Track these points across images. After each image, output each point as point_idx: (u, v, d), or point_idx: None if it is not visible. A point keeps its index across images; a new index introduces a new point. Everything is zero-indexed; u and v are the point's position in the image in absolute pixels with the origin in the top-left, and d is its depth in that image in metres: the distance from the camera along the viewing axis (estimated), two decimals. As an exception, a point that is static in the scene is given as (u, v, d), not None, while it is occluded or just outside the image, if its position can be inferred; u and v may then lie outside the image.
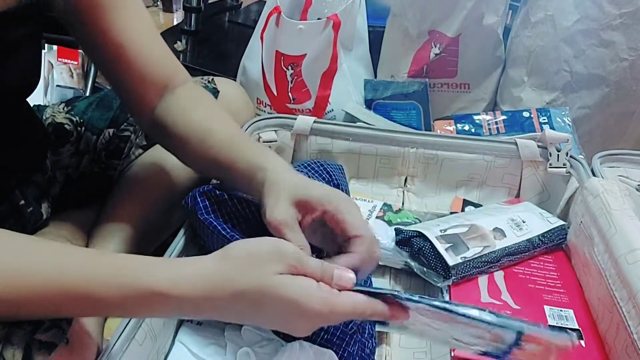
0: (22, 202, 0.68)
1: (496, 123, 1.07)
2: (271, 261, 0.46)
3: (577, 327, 0.67)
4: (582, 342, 0.66)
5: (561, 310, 0.70)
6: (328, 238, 0.59)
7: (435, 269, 0.73)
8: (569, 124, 1.00)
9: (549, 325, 0.67)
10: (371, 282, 0.73)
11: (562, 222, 0.81)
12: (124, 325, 0.55)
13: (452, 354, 0.64)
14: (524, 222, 0.79)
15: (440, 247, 0.73)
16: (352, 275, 0.49)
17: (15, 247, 0.44)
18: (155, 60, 0.66)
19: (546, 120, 1.00)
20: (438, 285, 0.72)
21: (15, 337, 0.44)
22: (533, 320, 0.66)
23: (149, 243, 0.81)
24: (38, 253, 0.45)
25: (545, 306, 0.70)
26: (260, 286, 0.45)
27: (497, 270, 0.75)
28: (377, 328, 0.66)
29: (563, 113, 1.01)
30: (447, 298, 0.72)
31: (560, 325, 0.67)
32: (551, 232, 0.79)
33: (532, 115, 1.01)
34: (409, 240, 0.77)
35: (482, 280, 0.74)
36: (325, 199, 0.55)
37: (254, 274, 0.45)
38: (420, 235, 0.76)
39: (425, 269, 0.74)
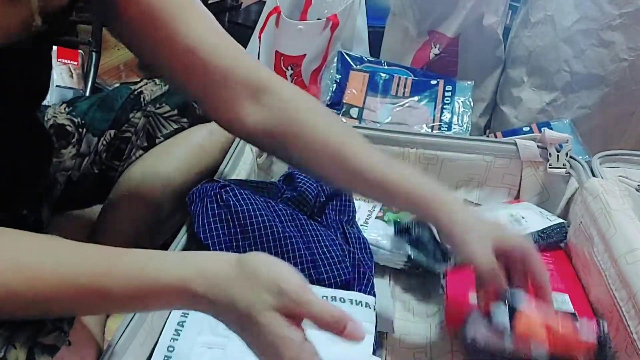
0: (25, 211, 0.68)
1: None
2: (269, 292, 0.43)
3: (572, 310, 0.67)
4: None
5: (557, 294, 0.69)
6: None
7: (433, 255, 0.74)
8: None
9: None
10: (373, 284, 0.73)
11: (562, 220, 0.81)
12: (125, 326, 0.55)
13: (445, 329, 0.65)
14: (523, 217, 0.79)
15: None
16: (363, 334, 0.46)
17: (27, 244, 0.45)
18: (233, 57, 0.60)
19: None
20: (437, 271, 0.73)
21: (18, 340, 0.45)
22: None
23: (149, 244, 0.81)
24: (51, 248, 0.45)
25: None
26: (249, 310, 0.43)
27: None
28: None
29: (565, 122, 1.02)
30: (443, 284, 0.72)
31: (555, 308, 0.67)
32: (550, 229, 0.79)
33: (532, 131, 1.01)
34: (407, 229, 0.78)
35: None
36: (519, 246, 0.57)
37: (248, 296, 0.43)
38: (419, 222, 0.76)
39: (423, 256, 0.75)
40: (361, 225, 0.82)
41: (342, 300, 0.61)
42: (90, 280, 0.44)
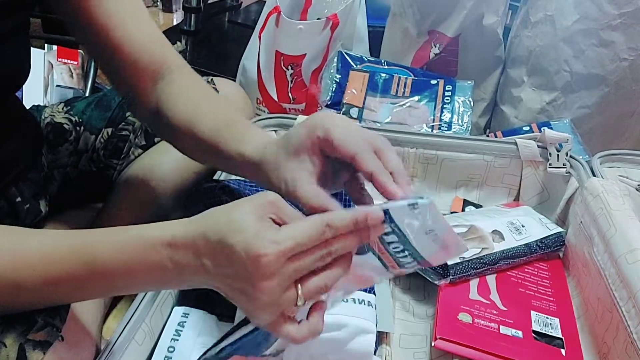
0: (19, 199, 0.68)
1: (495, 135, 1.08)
2: (252, 206, 0.42)
3: (560, 335, 0.67)
4: (563, 351, 0.66)
5: (547, 318, 0.70)
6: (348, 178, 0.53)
7: (433, 267, 0.73)
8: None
9: (533, 331, 0.67)
10: None
11: (560, 229, 0.81)
12: (124, 326, 0.55)
13: (433, 344, 0.65)
14: (523, 226, 0.79)
15: (440, 246, 0.73)
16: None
17: (9, 232, 0.45)
18: (144, 44, 0.62)
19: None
20: (435, 283, 0.73)
21: (8, 337, 0.44)
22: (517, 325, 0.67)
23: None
24: (34, 234, 0.45)
25: (532, 311, 0.70)
26: (236, 229, 0.41)
27: (493, 274, 0.75)
28: None
29: (565, 122, 1.02)
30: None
31: (544, 332, 0.67)
32: (549, 238, 0.79)
33: (532, 131, 1.01)
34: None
35: (474, 278, 0.74)
36: (314, 126, 0.49)
37: (234, 215, 0.42)
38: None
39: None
40: (361, 225, 0.81)
41: (345, 299, 0.61)
42: (72, 249, 0.43)
